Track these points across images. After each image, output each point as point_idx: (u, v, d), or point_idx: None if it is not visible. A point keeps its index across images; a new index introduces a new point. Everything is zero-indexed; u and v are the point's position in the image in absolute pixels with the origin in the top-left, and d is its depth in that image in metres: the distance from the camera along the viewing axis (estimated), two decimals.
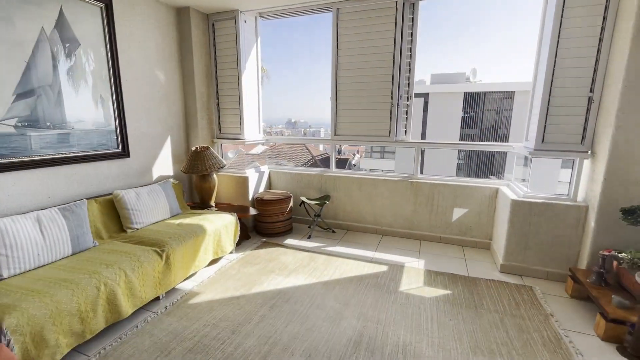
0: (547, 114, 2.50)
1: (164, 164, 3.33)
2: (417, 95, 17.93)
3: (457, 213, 3.24)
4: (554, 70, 2.43)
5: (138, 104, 2.98)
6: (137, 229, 2.57)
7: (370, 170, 21.92)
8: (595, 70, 2.35)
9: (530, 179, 2.72)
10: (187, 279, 2.56)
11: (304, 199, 3.52)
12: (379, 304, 2.24)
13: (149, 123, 3.12)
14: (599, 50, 2.32)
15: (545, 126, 2.52)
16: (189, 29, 3.33)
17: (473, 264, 2.87)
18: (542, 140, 2.55)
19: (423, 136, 18.19)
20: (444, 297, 2.33)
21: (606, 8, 2.26)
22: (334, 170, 3.77)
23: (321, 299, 2.30)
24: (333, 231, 3.66)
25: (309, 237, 3.48)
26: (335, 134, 3.59)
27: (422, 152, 3.42)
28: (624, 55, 2.12)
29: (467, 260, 2.94)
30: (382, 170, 21.68)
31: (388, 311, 2.16)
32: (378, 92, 3.32)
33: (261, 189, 3.83)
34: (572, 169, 2.54)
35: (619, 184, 2.22)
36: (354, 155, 26.67)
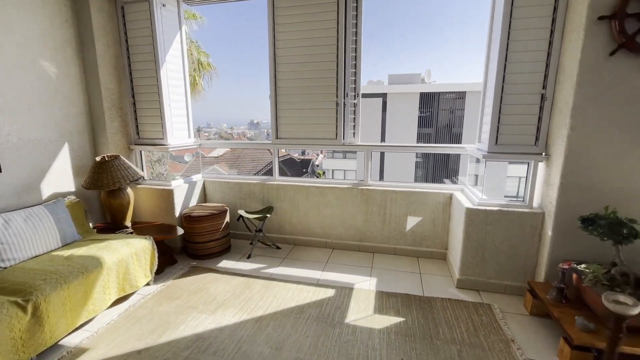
0: (499, 113, 2.28)
1: (61, 179, 2.68)
2: (375, 95, 18.09)
3: (411, 222, 2.97)
4: (505, 65, 2.21)
5: (12, 103, 2.32)
6: (4, 267, 1.94)
7: (333, 171, 21.79)
8: (547, 65, 2.15)
9: (484, 184, 2.50)
10: (77, 329, 1.98)
11: (242, 212, 3.04)
12: (319, 344, 1.85)
13: (34, 127, 2.46)
14: (550, 43, 2.12)
15: (498, 127, 2.30)
16: (87, 12, 2.71)
17: (428, 280, 2.59)
18: (496, 142, 2.32)
19: (383, 137, 18.40)
20: (396, 327, 2.00)
21: (555, 7, 2.07)
22: (277, 178, 3.34)
23: (249, 344, 1.86)
24: (277, 247, 3.22)
25: (249, 256, 3.02)
26: (277, 138, 3.16)
27: (383, 154, 3.10)
28: (577, 48, 1.93)
29: (423, 275, 2.67)
30: (345, 170, 21.68)
31: (330, 354, 1.78)
32: (322, 90, 2.94)
33: (193, 203, 3.29)
34: (527, 172, 2.35)
35: (576, 189, 2.04)
36: (318, 155, 26.41)
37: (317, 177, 22.43)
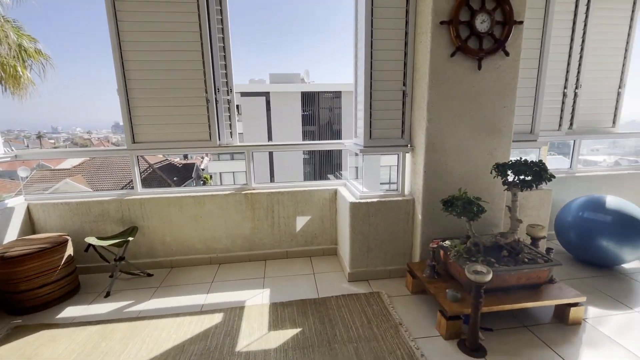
0: (370, 109, 2.38)
1: None
2: (259, 94, 17.82)
3: (301, 222, 2.88)
4: (371, 64, 2.31)
5: None
6: None
7: (220, 174, 20.49)
8: (405, 64, 2.34)
9: (364, 177, 2.60)
10: None
11: (91, 240, 2.36)
12: None
13: None
14: (406, 44, 2.31)
15: (370, 122, 2.40)
16: None
17: (322, 279, 2.54)
18: (370, 137, 2.42)
19: (270, 136, 18.29)
20: (293, 341, 1.84)
21: (407, 3, 2.26)
22: (140, 192, 2.74)
23: None
24: (148, 274, 2.66)
25: (108, 294, 2.37)
26: (134, 142, 2.58)
27: (271, 154, 2.87)
28: (426, 49, 2.14)
29: (316, 275, 2.61)
30: (234, 172, 20.68)
31: None
32: (188, 84, 2.53)
33: (10, 237, 2.39)
34: (398, 162, 2.54)
35: (436, 175, 2.29)
36: (203, 158, 24.36)
37: (204, 182, 20.73)
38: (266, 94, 17.82)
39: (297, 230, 2.89)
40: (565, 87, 2.95)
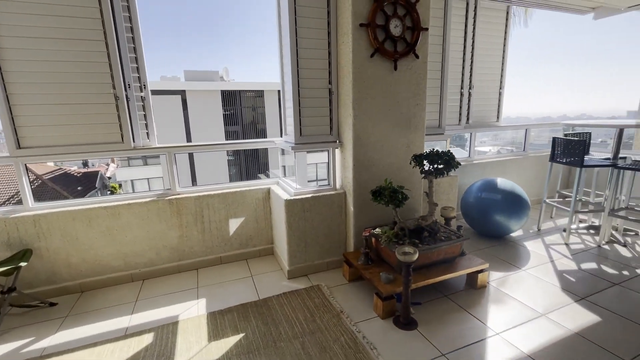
0: (299, 107, 2.41)
1: None
2: (173, 92, 16.41)
3: (234, 224, 2.77)
4: (298, 63, 2.34)
5: None
6: None
7: (132, 182, 18.27)
8: (329, 63, 2.44)
9: (297, 174, 2.63)
10: None
11: None
12: None
13: None
14: (329, 44, 2.41)
15: (300, 120, 2.43)
16: None
17: (262, 280, 2.50)
18: (300, 134, 2.46)
19: (189, 137, 17.02)
20: (237, 348, 1.77)
21: (328, 4, 2.35)
22: (32, 207, 2.29)
23: None
24: (51, 304, 2.24)
25: None
26: (19, 147, 2.14)
27: (192, 157, 2.64)
28: (348, 49, 2.26)
29: (255, 277, 2.54)
30: (149, 179, 18.66)
31: None
32: (91, 79, 2.20)
33: None
34: (328, 158, 2.63)
35: (364, 168, 2.44)
36: (108, 165, 21.33)
37: (111, 192, 18.21)
38: (182, 93, 16.52)
39: (231, 233, 2.77)
40: (462, 88, 3.44)
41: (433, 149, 2.30)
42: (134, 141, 2.40)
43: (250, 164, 18.94)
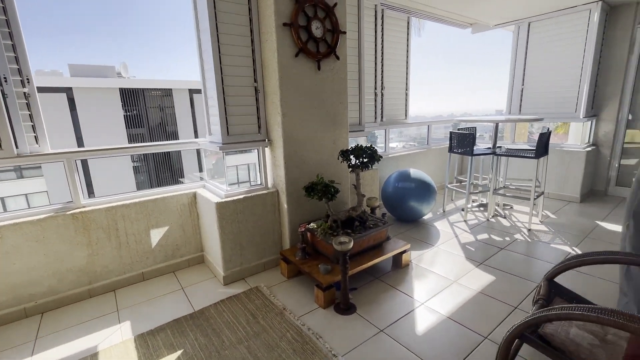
0: (225, 105, 2.32)
1: None
2: (57, 90, 13.81)
3: (157, 235, 2.51)
4: (220, 60, 2.24)
5: None
6: None
7: (2, 199, 14.76)
8: (254, 61, 2.40)
9: (226, 175, 2.52)
10: None
11: None
12: None
13: None
14: (252, 41, 2.37)
15: (227, 119, 2.34)
16: None
17: (195, 292, 2.33)
18: (228, 133, 2.37)
19: (80, 142, 14.52)
20: None
21: (250, 9, 2.31)
22: None
23: None
24: None
25: None
26: None
27: (85, 164, 2.26)
28: (273, 48, 2.27)
29: (186, 289, 2.36)
30: (27, 195, 15.28)
31: None
32: None
33: None
34: (258, 157, 2.60)
35: (295, 165, 2.49)
36: None
37: None
38: (67, 90, 14.02)
39: (154, 245, 2.51)
40: (375, 89, 3.77)
41: (358, 144, 2.48)
42: (16, 147, 1.98)
43: (161, 170, 17.19)
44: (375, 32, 3.61)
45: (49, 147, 2.13)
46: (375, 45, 3.65)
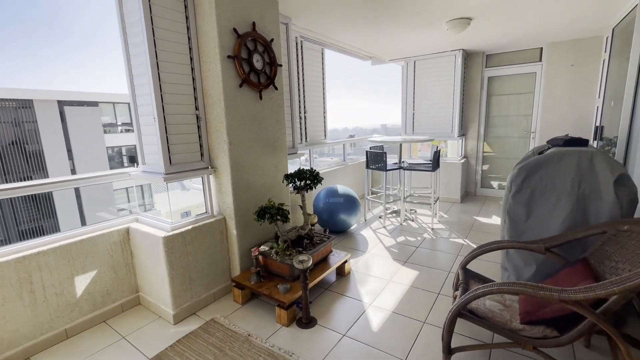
0: (167, 134, 2.23)
1: None
2: None
3: (83, 281, 2.18)
4: (161, 90, 2.16)
5: None
6: None
7: None
8: (195, 89, 2.39)
9: (170, 206, 2.37)
10: None
11: None
12: None
13: None
14: (192, 69, 2.36)
15: (169, 147, 2.25)
16: None
17: (140, 338, 2.12)
18: (170, 163, 2.27)
19: None
20: None
21: (189, 38, 2.30)
22: None
23: None
24: None
25: None
26: None
27: None
28: (217, 77, 2.31)
29: (130, 338, 2.12)
30: None
31: None
32: None
33: None
34: (203, 185, 2.54)
35: (242, 191, 2.53)
36: None
37: None
38: None
39: (79, 295, 2.17)
40: (300, 112, 4.06)
41: (299, 168, 2.69)
42: None
43: (22, 212, 13.43)
44: (297, 61, 3.92)
45: None
46: (298, 73, 3.95)
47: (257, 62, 2.53)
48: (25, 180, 14.21)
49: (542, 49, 4.82)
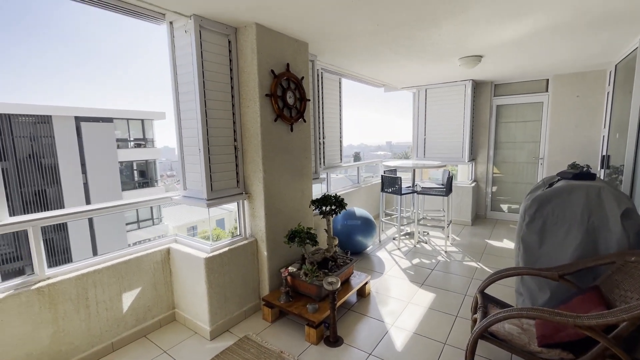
0: (210, 164, 2.47)
1: None
2: None
3: (129, 298, 2.38)
4: (207, 124, 2.42)
5: None
6: None
7: None
8: (234, 122, 2.64)
9: (210, 228, 2.58)
10: None
11: None
12: None
13: None
14: (233, 105, 2.62)
15: (211, 176, 2.48)
16: None
17: (180, 352, 2.28)
18: (212, 189, 2.50)
19: None
20: None
21: (231, 78, 2.58)
22: None
23: None
24: None
25: None
26: None
27: None
28: (256, 114, 2.57)
29: (171, 351, 2.29)
30: None
31: None
32: None
33: None
34: (238, 209, 2.76)
35: (273, 215, 2.74)
36: None
37: None
38: None
39: (125, 310, 2.35)
40: (318, 139, 4.32)
41: (324, 194, 2.90)
42: None
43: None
44: (318, 91, 4.21)
45: (6, 214, 1.90)
46: (318, 102, 4.23)
47: (289, 99, 2.79)
48: (39, 193, 14.60)
49: (548, 80, 5.08)
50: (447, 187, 4.19)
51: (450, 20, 2.53)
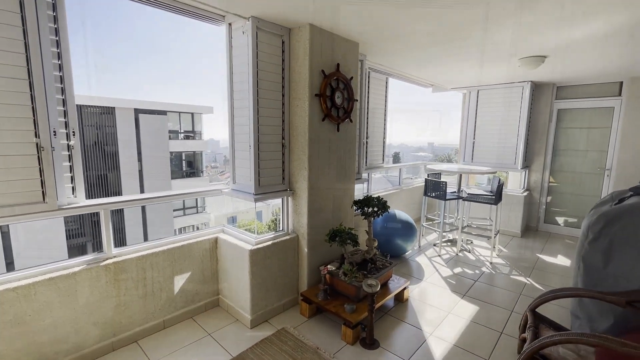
0: (259, 160, 2.56)
1: None
2: None
3: (180, 281, 2.56)
4: (258, 120, 2.51)
5: None
6: None
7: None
8: (283, 121, 2.72)
9: (256, 223, 2.70)
10: None
11: None
12: None
13: None
14: (283, 104, 2.70)
15: (259, 171, 2.58)
16: None
17: (224, 336, 2.42)
18: (259, 184, 2.60)
19: None
20: None
21: (283, 77, 2.65)
22: None
23: None
24: None
25: None
26: None
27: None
28: (304, 113, 2.62)
29: (214, 335, 2.43)
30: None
31: None
32: (7, 125, 1.73)
33: None
34: (282, 205, 2.84)
35: (315, 213, 2.79)
36: None
37: None
38: None
39: (176, 291, 2.54)
40: (361, 138, 4.29)
41: (366, 195, 2.89)
42: (58, 199, 1.97)
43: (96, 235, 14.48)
44: (361, 90, 4.18)
45: (84, 197, 2.13)
46: (364, 101, 4.20)
47: (338, 99, 2.80)
48: (101, 177, 16.10)
49: (621, 83, 4.57)
50: (497, 195, 3.96)
51: (514, 19, 2.37)
